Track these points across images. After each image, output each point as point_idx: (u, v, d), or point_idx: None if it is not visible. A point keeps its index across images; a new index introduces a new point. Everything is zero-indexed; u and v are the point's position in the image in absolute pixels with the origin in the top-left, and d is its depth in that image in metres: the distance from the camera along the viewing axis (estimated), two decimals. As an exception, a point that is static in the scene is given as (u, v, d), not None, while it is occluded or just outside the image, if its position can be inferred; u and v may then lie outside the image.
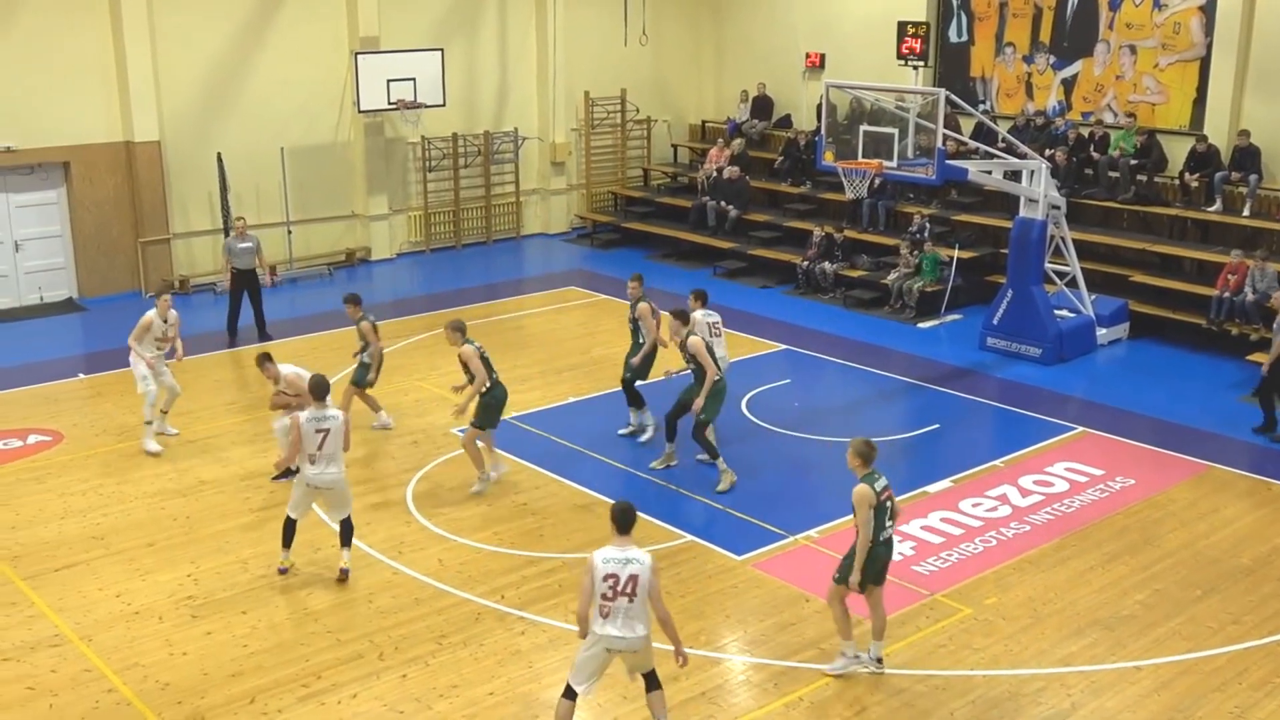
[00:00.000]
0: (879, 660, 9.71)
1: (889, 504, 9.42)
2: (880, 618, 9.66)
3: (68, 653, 10.04)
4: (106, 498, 12.98)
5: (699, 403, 12.88)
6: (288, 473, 13.24)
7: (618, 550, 8.17)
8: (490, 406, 12.81)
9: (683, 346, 12.99)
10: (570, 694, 8.44)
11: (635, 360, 14.23)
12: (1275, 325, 14.80)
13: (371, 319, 14.51)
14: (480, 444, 12.96)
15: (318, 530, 12.16)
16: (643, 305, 14.24)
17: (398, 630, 10.34)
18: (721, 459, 13.17)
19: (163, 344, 14.43)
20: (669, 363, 14.14)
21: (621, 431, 14.66)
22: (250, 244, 18.29)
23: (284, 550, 11.33)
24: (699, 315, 13.62)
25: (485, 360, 12.63)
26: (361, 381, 14.53)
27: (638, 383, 14.40)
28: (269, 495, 12.99)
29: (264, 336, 18.33)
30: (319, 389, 11.01)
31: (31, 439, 14.61)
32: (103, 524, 12.36)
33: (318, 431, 10.81)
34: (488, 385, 12.69)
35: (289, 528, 11.29)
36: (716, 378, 12.85)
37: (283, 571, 11.26)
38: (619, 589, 8.08)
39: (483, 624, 10.46)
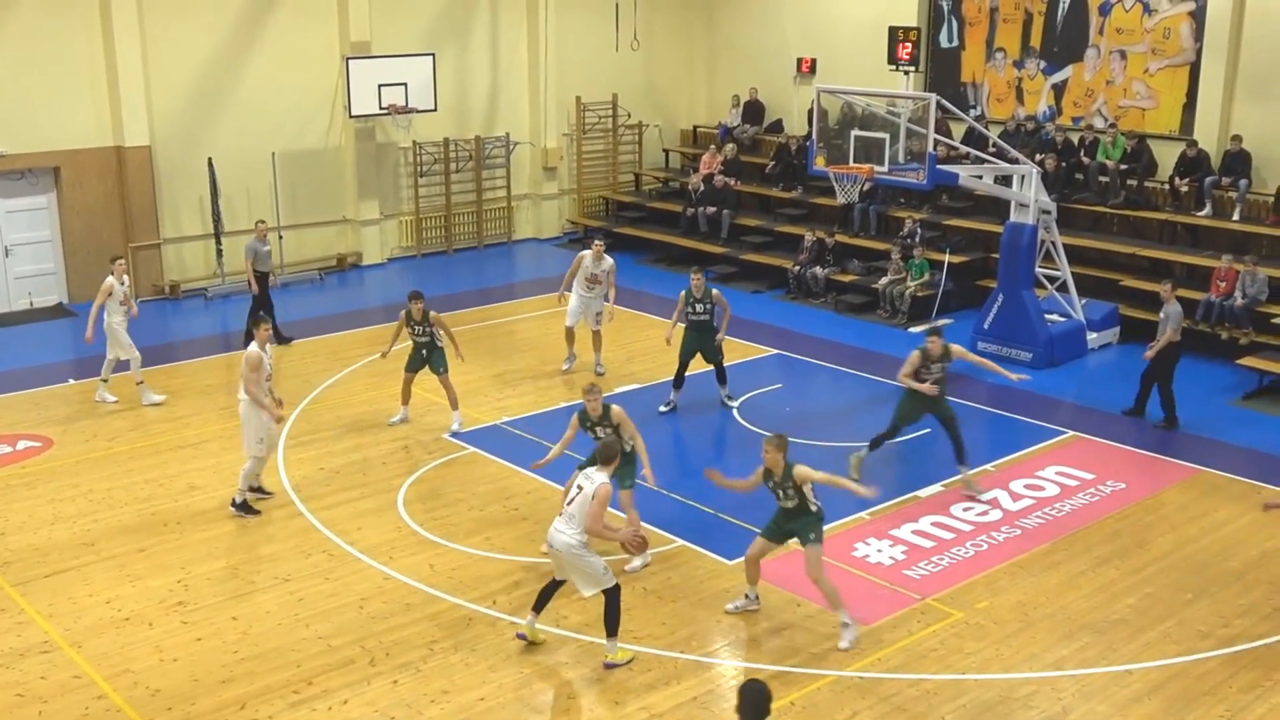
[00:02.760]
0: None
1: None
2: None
3: (57, 659, 10.01)
4: (96, 503, 12.95)
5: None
6: None
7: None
8: None
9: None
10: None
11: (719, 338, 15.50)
12: (1161, 315, 14.94)
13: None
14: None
15: (308, 535, 12.15)
16: (716, 292, 15.48)
17: (389, 636, 10.32)
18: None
19: (125, 305, 15.58)
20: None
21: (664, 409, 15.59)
22: (269, 247, 18.46)
23: (531, 614, 10.13)
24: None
25: None
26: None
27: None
28: (259, 500, 12.93)
29: (281, 339, 18.17)
30: (604, 453, 9.90)
31: (21, 445, 14.57)
32: (93, 529, 12.33)
33: (576, 486, 9.79)
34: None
35: (545, 587, 10.11)
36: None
37: (520, 637, 10.17)
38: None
39: (474, 629, 10.44)
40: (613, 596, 9.79)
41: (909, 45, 18.85)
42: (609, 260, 16.59)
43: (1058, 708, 9.39)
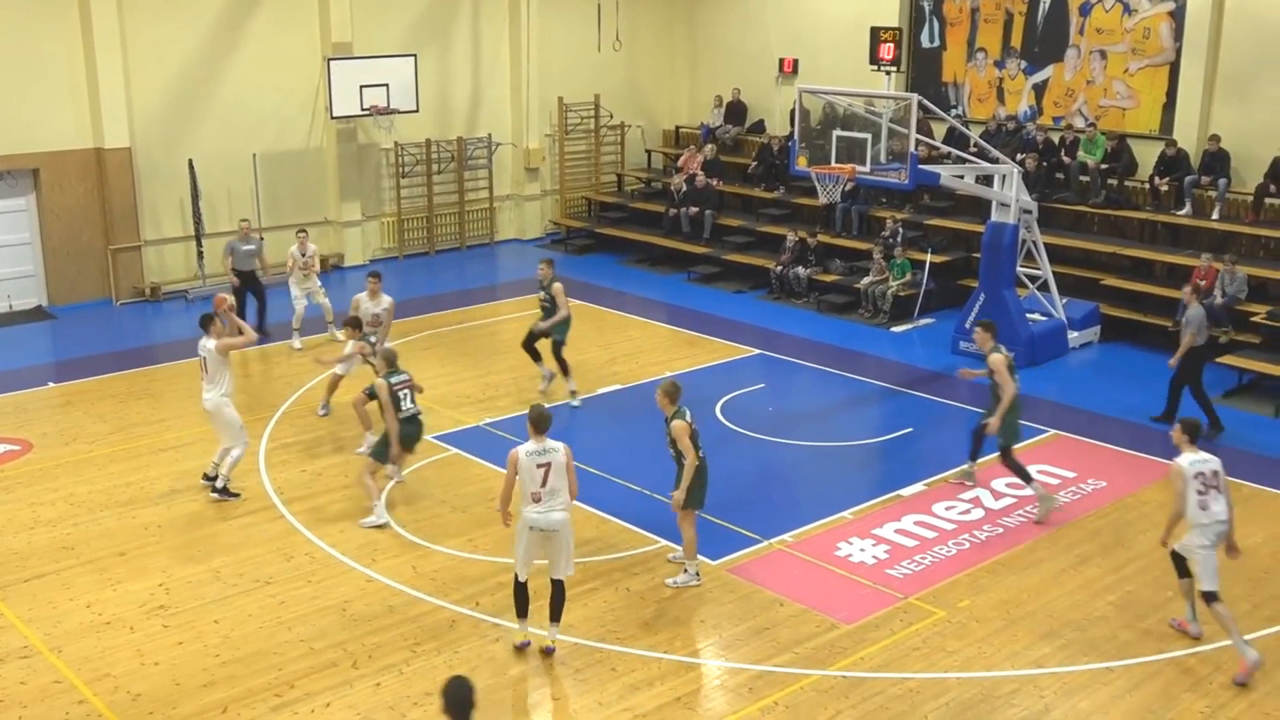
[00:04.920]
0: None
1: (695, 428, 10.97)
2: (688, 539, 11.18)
3: (37, 664, 9.96)
4: (77, 507, 12.88)
5: (995, 421, 12.64)
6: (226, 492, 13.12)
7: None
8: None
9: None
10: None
11: (544, 325, 15.72)
12: (1183, 320, 14.90)
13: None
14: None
15: (289, 537, 12.11)
16: (557, 284, 15.54)
17: (371, 638, 10.29)
18: (1034, 483, 12.77)
19: (307, 271, 17.88)
20: None
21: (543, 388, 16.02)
22: (253, 246, 18.41)
23: (520, 621, 10.07)
24: None
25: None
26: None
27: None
28: (242, 503, 12.91)
29: (263, 338, 18.21)
30: (540, 421, 9.88)
31: (0, 448, 14.48)
32: (73, 534, 12.27)
33: (539, 466, 9.73)
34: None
35: (520, 594, 10.00)
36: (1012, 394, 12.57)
37: (522, 647, 10.08)
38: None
39: (457, 631, 10.43)
40: (563, 585, 10.05)
41: (890, 45, 18.90)
42: (387, 299, 15.21)
43: (1040, 705, 9.42)
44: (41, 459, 14.18)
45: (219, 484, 12.96)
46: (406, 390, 12.43)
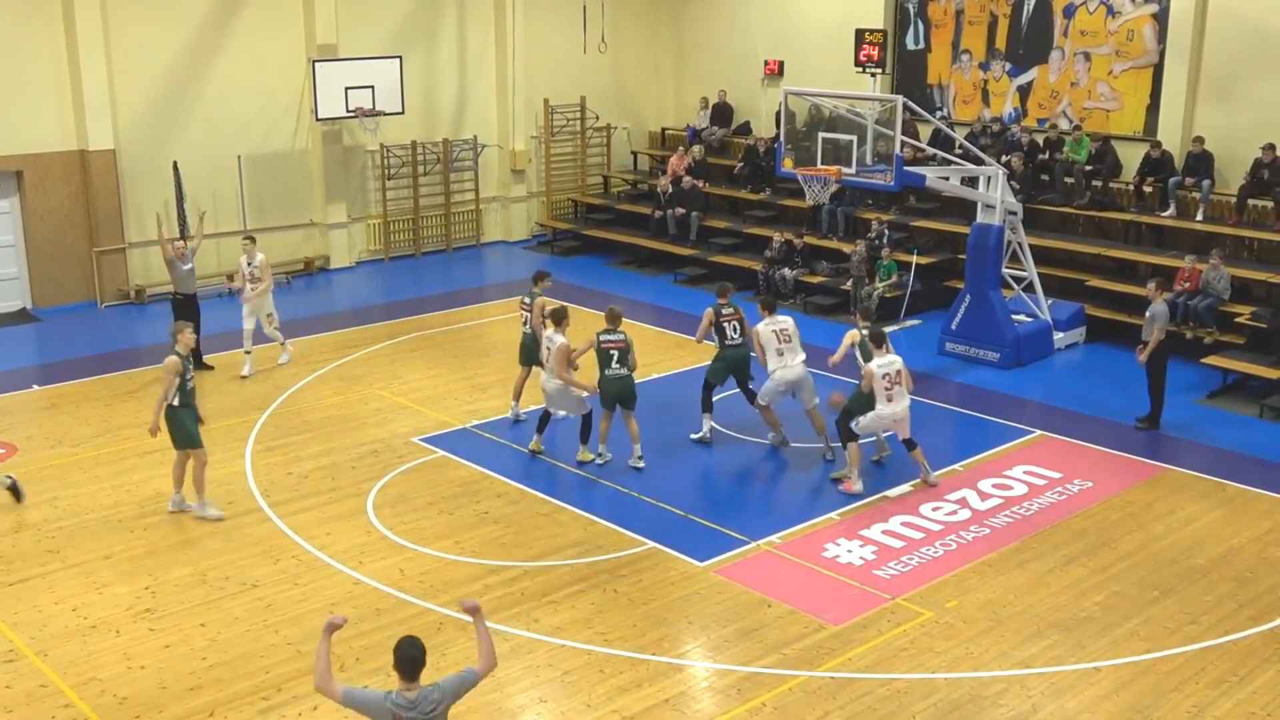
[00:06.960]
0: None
1: (612, 352, 13.60)
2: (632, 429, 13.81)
3: (23, 668, 9.91)
4: (62, 510, 12.82)
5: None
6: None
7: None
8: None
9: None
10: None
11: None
12: (1148, 315, 14.97)
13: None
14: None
15: (276, 540, 12.08)
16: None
17: (359, 641, 10.27)
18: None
19: (254, 284, 17.00)
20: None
21: None
22: (190, 265, 17.16)
23: (536, 434, 14.11)
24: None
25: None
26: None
27: None
28: (229, 506, 12.86)
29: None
30: (556, 316, 13.69)
31: (-15, 451, 14.43)
32: (58, 537, 12.21)
33: (545, 348, 13.64)
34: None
35: (542, 416, 14.13)
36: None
37: (532, 454, 13.99)
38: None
39: (445, 634, 10.41)
40: (589, 419, 13.74)
41: (875, 47, 18.92)
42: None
43: (1027, 705, 9.45)
44: (26, 462, 14.11)
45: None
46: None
